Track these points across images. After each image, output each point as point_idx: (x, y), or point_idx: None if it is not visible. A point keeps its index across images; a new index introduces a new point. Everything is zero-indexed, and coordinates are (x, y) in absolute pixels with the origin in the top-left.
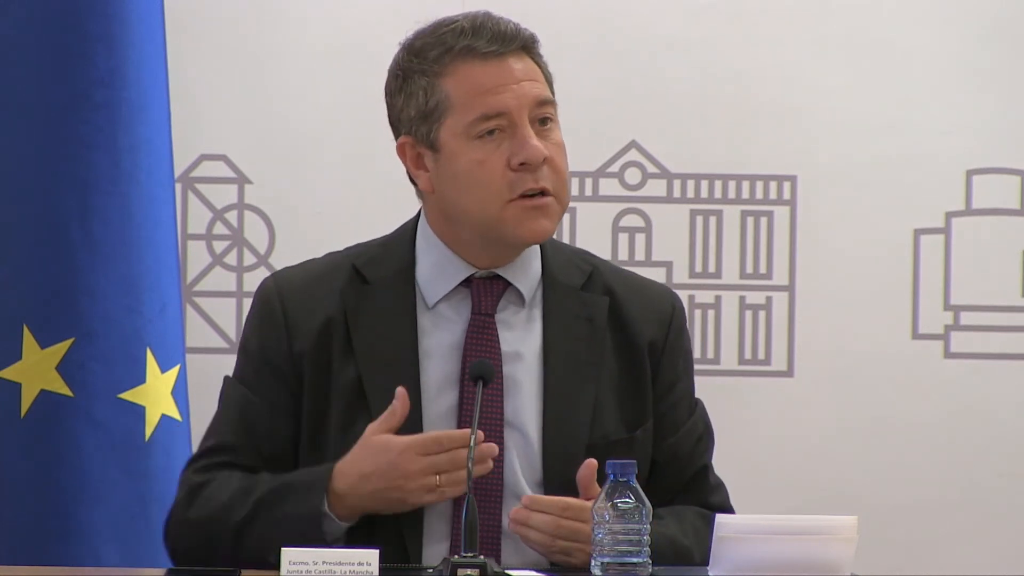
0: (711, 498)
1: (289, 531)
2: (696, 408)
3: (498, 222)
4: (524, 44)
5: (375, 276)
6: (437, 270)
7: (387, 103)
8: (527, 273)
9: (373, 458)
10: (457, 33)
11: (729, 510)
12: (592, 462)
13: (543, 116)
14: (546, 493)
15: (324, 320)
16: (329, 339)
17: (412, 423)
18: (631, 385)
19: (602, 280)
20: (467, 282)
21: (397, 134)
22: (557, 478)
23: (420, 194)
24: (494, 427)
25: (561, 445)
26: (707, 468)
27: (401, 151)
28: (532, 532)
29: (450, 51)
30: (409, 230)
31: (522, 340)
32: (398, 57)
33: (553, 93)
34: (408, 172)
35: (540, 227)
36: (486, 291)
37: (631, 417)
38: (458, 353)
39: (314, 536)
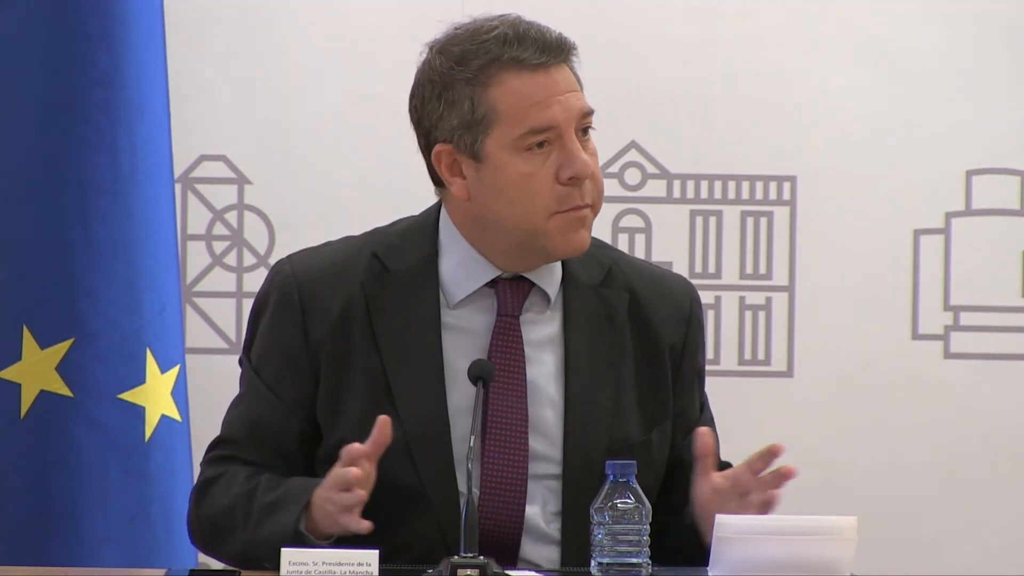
0: None
1: (277, 545)
2: (706, 403)
3: (542, 234)
4: (567, 55)
5: (396, 265)
6: (462, 269)
7: (416, 106)
8: (552, 274)
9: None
10: (501, 42)
11: None
12: (704, 430)
13: (585, 126)
14: (564, 497)
15: (343, 308)
16: (349, 327)
17: (439, 418)
18: (652, 383)
19: (622, 276)
20: (491, 282)
21: (430, 139)
22: (576, 482)
23: (442, 195)
24: (518, 429)
25: (581, 449)
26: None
27: (437, 158)
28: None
29: (496, 61)
30: (430, 222)
31: (544, 342)
32: (435, 63)
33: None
34: (437, 176)
35: (581, 239)
36: (514, 292)
37: (650, 416)
38: (483, 355)
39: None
